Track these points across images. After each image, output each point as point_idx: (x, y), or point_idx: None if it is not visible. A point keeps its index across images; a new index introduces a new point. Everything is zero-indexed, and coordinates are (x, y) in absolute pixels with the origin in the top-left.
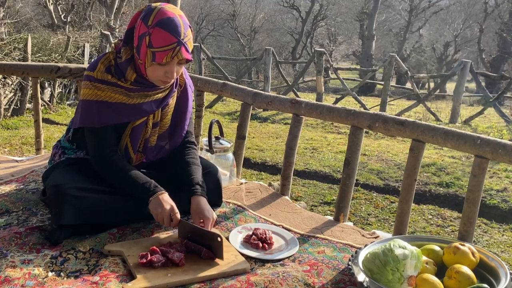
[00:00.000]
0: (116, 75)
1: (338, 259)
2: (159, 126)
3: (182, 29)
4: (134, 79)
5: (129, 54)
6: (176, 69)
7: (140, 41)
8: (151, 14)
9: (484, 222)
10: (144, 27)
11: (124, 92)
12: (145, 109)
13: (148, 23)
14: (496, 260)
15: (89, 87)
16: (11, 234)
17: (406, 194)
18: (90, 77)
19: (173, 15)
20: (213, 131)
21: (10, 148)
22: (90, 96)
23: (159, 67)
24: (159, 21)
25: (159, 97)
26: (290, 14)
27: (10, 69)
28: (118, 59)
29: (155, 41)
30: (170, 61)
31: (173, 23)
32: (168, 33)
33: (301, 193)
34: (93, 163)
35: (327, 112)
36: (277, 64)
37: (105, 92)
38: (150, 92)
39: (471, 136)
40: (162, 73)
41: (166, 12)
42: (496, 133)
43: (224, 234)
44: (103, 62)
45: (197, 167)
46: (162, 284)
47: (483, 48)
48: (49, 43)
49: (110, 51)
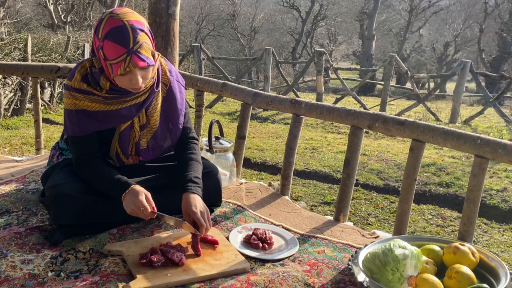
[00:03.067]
0: (93, 84)
1: (338, 259)
2: (147, 128)
3: (130, 37)
4: (109, 87)
5: (99, 64)
6: (141, 74)
7: (98, 53)
8: (100, 25)
9: (484, 222)
10: (97, 40)
11: (101, 100)
12: (125, 115)
13: (99, 35)
14: (496, 260)
15: (68, 96)
16: (11, 234)
17: (406, 194)
18: (68, 87)
19: (121, 22)
20: (213, 131)
21: (10, 148)
22: (69, 105)
23: (123, 77)
24: (107, 32)
25: (138, 101)
26: (290, 14)
27: (10, 69)
28: (93, 68)
29: (108, 54)
30: (128, 71)
31: (121, 33)
32: (116, 45)
33: (301, 193)
34: (75, 169)
35: (327, 112)
36: (277, 64)
37: (82, 102)
38: (127, 98)
39: (471, 136)
40: (127, 82)
41: (113, 20)
42: (496, 133)
43: (224, 234)
44: (80, 70)
45: (194, 162)
46: (162, 284)
47: (483, 48)
48: (49, 43)
49: (87, 59)
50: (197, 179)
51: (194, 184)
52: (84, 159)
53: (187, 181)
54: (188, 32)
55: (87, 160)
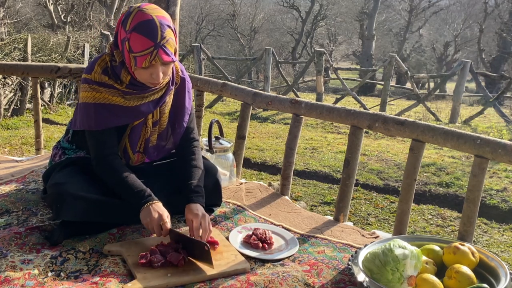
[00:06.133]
0: (113, 77)
1: (338, 259)
2: (158, 124)
3: (158, 31)
4: (129, 81)
5: (121, 57)
6: (162, 70)
7: (122, 46)
8: (128, 17)
9: (484, 222)
10: (123, 32)
11: (120, 95)
12: (143, 111)
13: (126, 27)
14: (496, 260)
15: (87, 89)
16: (11, 234)
17: (406, 194)
18: (88, 80)
19: (150, 17)
20: (213, 131)
21: (10, 148)
22: (88, 99)
23: (144, 70)
24: (136, 25)
25: (156, 97)
26: (290, 14)
27: (10, 69)
28: (113, 61)
29: (134, 46)
30: (152, 64)
31: (149, 26)
32: (144, 37)
33: (301, 193)
34: (93, 165)
35: (327, 112)
36: (277, 64)
37: (103, 94)
38: (146, 94)
39: (471, 136)
40: (148, 76)
41: (143, 14)
42: (496, 133)
43: (224, 234)
44: (100, 64)
45: (197, 169)
46: (162, 284)
47: (483, 48)
48: (49, 43)
49: (106, 53)
50: (198, 187)
51: (196, 194)
52: (106, 159)
53: (190, 191)
54: (188, 32)
55: (109, 158)
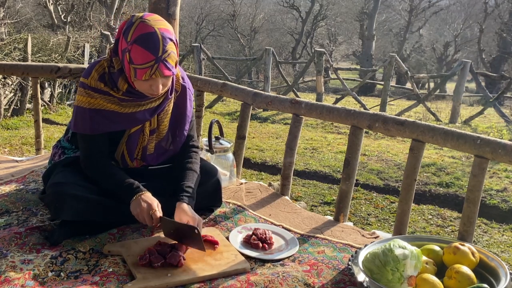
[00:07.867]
0: (110, 84)
1: (338, 259)
2: (156, 132)
3: (160, 45)
4: (126, 89)
5: (119, 65)
6: (162, 82)
7: (123, 55)
8: (130, 28)
9: (484, 222)
10: (124, 42)
11: (116, 102)
12: (139, 118)
13: (128, 38)
14: (496, 260)
15: (82, 94)
16: (11, 234)
17: (406, 194)
18: (84, 84)
19: (153, 29)
20: (213, 131)
21: (10, 148)
22: (83, 103)
23: (144, 82)
24: (138, 37)
25: (153, 106)
26: (290, 14)
27: (10, 69)
28: (111, 68)
29: (134, 58)
30: (153, 78)
31: (151, 40)
32: (145, 51)
33: (301, 193)
34: (83, 167)
35: (327, 112)
36: (277, 64)
37: (97, 101)
38: (143, 102)
39: (471, 136)
40: (147, 87)
41: (145, 26)
42: (496, 133)
43: (224, 234)
44: (97, 69)
45: (190, 172)
46: (162, 284)
47: (483, 48)
48: (49, 43)
49: (105, 58)
50: (189, 188)
51: (187, 194)
52: (93, 159)
53: (181, 190)
54: (188, 32)
55: (96, 159)
